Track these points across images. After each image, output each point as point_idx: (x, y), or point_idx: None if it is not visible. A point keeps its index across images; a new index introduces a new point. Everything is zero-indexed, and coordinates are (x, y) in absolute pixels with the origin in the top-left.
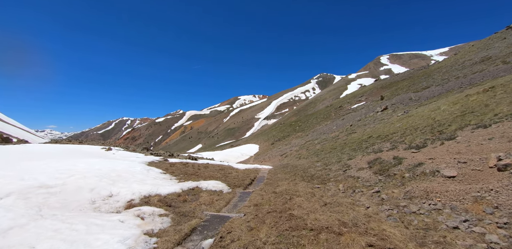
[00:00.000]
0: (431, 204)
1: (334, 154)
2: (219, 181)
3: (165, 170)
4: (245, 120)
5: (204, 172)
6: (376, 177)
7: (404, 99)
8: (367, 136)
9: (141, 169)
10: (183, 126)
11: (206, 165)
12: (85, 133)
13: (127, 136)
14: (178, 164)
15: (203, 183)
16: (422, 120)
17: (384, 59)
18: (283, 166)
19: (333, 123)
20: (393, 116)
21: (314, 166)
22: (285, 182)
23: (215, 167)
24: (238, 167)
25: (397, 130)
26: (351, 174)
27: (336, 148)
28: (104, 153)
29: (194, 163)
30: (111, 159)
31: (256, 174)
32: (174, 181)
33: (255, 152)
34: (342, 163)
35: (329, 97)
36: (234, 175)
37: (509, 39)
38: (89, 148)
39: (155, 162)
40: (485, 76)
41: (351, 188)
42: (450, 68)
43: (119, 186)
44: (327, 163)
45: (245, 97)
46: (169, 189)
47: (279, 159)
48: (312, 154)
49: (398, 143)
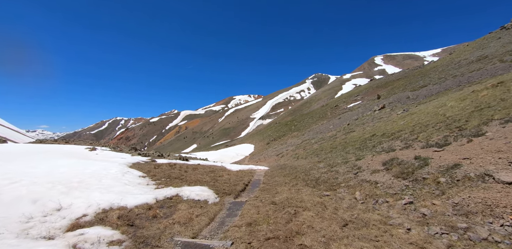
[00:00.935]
0: (506, 226)
1: (337, 153)
2: (206, 187)
3: (146, 172)
4: (240, 120)
5: (190, 175)
6: (400, 182)
7: (402, 98)
8: (370, 135)
9: (117, 171)
10: (177, 126)
11: (196, 166)
12: (77, 133)
13: (120, 136)
14: (164, 166)
15: (186, 189)
16: (430, 117)
17: (378, 60)
18: (280, 168)
19: (329, 122)
20: (392, 114)
21: (317, 168)
22: (285, 187)
23: (206, 169)
24: (231, 169)
25: (403, 128)
26: (365, 178)
27: (337, 147)
28: (86, 153)
29: (183, 164)
30: (89, 160)
31: (250, 177)
32: (150, 188)
33: (250, 152)
34: (351, 164)
35: (324, 97)
36: (226, 178)
37: (504, 38)
38: (72, 148)
39: (140, 163)
40: (483, 74)
41: (371, 197)
42: (446, 67)
43: (75, 195)
44: (331, 164)
45: (240, 97)
46: (139, 199)
47: (275, 159)
48: (311, 154)
49: (410, 140)
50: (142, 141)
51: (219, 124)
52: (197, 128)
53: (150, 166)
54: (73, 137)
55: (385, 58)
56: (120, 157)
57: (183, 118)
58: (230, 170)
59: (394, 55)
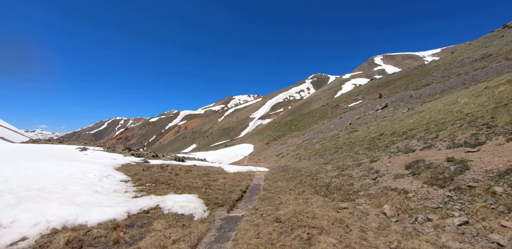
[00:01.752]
0: None
1: (344, 154)
2: (195, 196)
3: (131, 176)
4: (239, 120)
5: (181, 180)
6: (437, 192)
7: (404, 97)
8: (377, 134)
9: (96, 175)
10: (177, 126)
11: (190, 168)
12: (77, 133)
13: (120, 136)
14: (155, 168)
15: (170, 199)
16: (443, 114)
17: (377, 60)
18: (282, 170)
19: (330, 121)
20: (396, 113)
21: (325, 171)
22: (290, 195)
23: (200, 171)
24: (229, 170)
25: (415, 126)
26: (389, 185)
27: (342, 147)
28: (75, 154)
29: (176, 166)
30: (74, 161)
31: (249, 181)
32: (128, 196)
33: (249, 152)
34: (365, 167)
35: (323, 97)
36: (220, 183)
37: (507, 37)
38: (63, 148)
39: (130, 164)
40: (488, 72)
41: (405, 212)
42: (449, 65)
43: (25, 208)
44: (341, 167)
45: (240, 97)
46: (106, 213)
47: (275, 160)
48: (314, 154)
49: (429, 140)
50: (142, 141)
51: (218, 124)
52: (196, 128)
53: (139, 168)
54: (72, 137)
55: (385, 58)
56: (111, 157)
57: (183, 118)
58: (227, 172)
59: (394, 55)
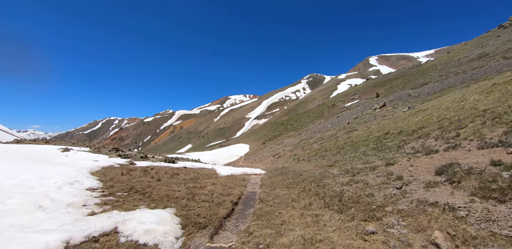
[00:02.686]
0: None
1: (350, 155)
2: (171, 211)
3: (105, 182)
4: (235, 119)
5: (161, 187)
6: (499, 209)
7: (402, 96)
8: (381, 133)
9: (58, 182)
10: (172, 126)
11: (177, 171)
12: (70, 133)
13: (114, 136)
14: (138, 171)
15: (136, 217)
16: (454, 111)
17: (373, 60)
18: (280, 173)
19: (327, 121)
20: (396, 112)
21: (332, 175)
22: (294, 211)
23: (188, 175)
24: (221, 173)
25: (424, 124)
26: (423, 197)
27: (344, 147)
28: (54, 155)
29: (163, 168)
30: (47, 163)
31: (243, 188)
32: (81, 213)
33: (245, 152)
34: (381, 171)
35: (319, 97)
36: (208, 191)
37: (503, 37)
38: (44, 148)
39: (113, 166)
40: (487, 71)
41: (469, 245)
42: (446, 65)
43: None
44: (351, 171)
45: (235, 97)
46: (29, 246)
47: (271, 160)
48: (314, 155)
49: (451, 138)
50: (136, 141)
51: (214, 124)
52: (192, 128)
53: (119, 172)
54: (65, 137)
55: (380, 59)
56: (93, 159)
57: (178, 118)
58: (219, 175)
59: (389, 55)
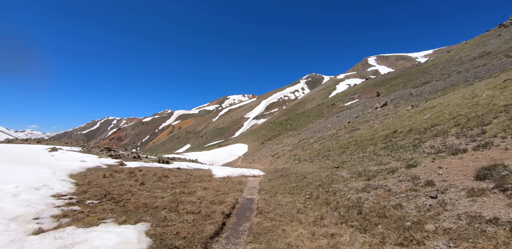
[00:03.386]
0: None
1: (358, 155)
2: (142, 228)
3: (80, 186)
4: (234, 119)
5: (143, 192)
6: None
7: (404, 95)
8: (388, 131)
9: (19, 187)
10: (171, 126)
11: (168, 172)
12: (68, 133)
13: (112, 136)
14: (123, 173)
15: (91, 238)
16: (468, 108)
17: (371, 60)
18: (281, 175)
19: (327, 121)
20: (399, 111)
21: (342, 179)
22: (301, 228)
23: (180, 177)
24: (217, 174)
25: (436, 122)
26: (472, 210)
27: (349, 147)
28: (40, 155)
29: (152, 170)
30: (25, 164)
31: (238, 194)
32: (25, 230)
33: (244, 152)
34: (402, 174)
35: (318, 97)
36: (197, 197)
37: (504, 35)
38: (31, 148)
39: (100, 167)
40: (490, 69)
41: None
42: (447, 64)
43: None
44: (364, 173)
45: (234, 97)
46: None
47: (270, 161)
48: (317, 155)
49: (476, 136)
50: (135, 141)
51: (213, 124)
52: (190, 128)
53: (101, 174)
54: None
55: (378, 59)
56: (80, 159)
57: (177, 118)
58: (214, 177)
59: (387, 55)
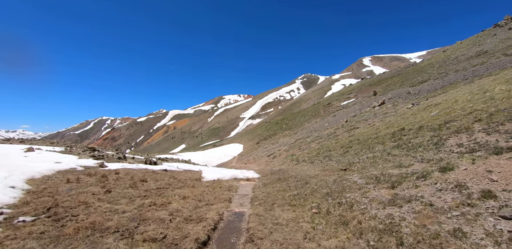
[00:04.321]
0: None
1: (367, 155)
2: None
3: (30, 193)
4: (230, 119)
5: (101, 204)
6: None
7: (402, 93)
8: (395, 129)
9: None
10: (166, 126)
11: (149, 176)
12: (61, 134)
13: (106, 137)
14: (95, 177)
15: None
16: (483, 102)
17: (366, 61)
18: (278, 178)
19: (323, 120)
20: (398, 109)
21: (357, 187)
22: None
23: (160, 181)
24: (207, 177)
25: (450, 118)
26: None
27: (352, 146)
28: (10, 155)
29: (130, 172)
30: None
31: (225, 205)
32: None
33: (239, 152)
34: (437, 180)
35: (313, 97)
36: (169, 212)
37: (500, 35)
38: (4, 148)
39: (75, 170)
40: (489, 67)
41: None
42: (444, 63)
43: None
44: (382, 178)
45: (230, 97)
46: None
47: (266, 161)
48: (316, 155)
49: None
50: (129, 142)
51: (208, 123)
52: (186, 128)
53: (66, 178)
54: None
55: (373, 59)
56: (56, 160)
57: (172, 118)
58: (202, 181)
59: (382, 56)
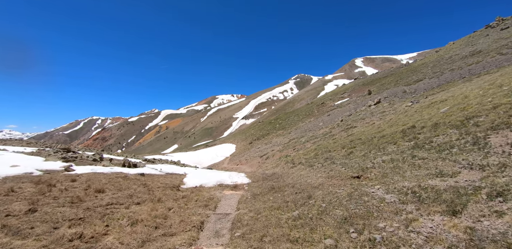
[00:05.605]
0: None
1: (382, 158)
2: None
3: None
4: (223, 119)
5: None
6: None
7: (397, 92)
8: (404, 127)
9: None
10: (158, 126)
11: (111, 184)
12: (49, 134)
13: (96, 137)
14: (37, 186)
15: None
16: (503, 96)
17: (358, 62)
18: (271, 187)
19: (317, 119)
20: (397, 107)
21: (388, 207)
22: None
23: (122, 191)
24: (188, 183)
25: (469, 114)
26: None
27: (356, 147)
28: None
29: (92, 178)
30: None
31: (190, 236)
32: None
33: (231, 153)
34: None
35: (307, 97)
36: None
37: (492, 35)
38: None
39: (28, 175)
40: (485, 66)
41: None
42: (438, 62)
43: None
44: (427, 196)
45: (223, 97)
46: None
47: (258, 162)
48: (314, 156)
49: None
50: (120, 142)
51: (201, 123)
52: (178, 128)
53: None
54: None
55: (365, 60)
56: (12, 164)
57: (164, 118)
58: (179, 189)
59: (374, 57)
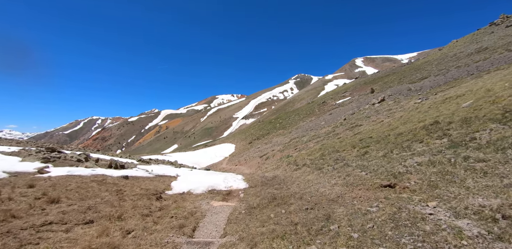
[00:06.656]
0: None
1: (416, 161)
2: None
3: None
4: (223, 119)
5: None
6: None
7: (402, 90)
8: (423, 124)
9: None
10: (158, 126)
11: (74, 192)
12: (49, 134)
13: (96, 137)
14: None
15: None
16: None
17: (358, 62)
18: (273, 197)
19: (319, 118)
20: (404, 105)
21: None
22: None
23: (79, 204)
24: (175, 188)
25: (505, 107)
26: None
27: (369, 146)
28: None
29: (64, 182)
30: None
31: None
32: None
33: (230, 153)
34: None
35: (307, 97)
36: None
37: (497, 33)
38: None
39: None
40: (494, 63)
41: None
42: (442, 60)
43: None
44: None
45: (223, 96)
46: None
47: (258, 163)
48: (321, 157)
49: None
50: (120, 142)
51: (201, 123)
52: (178, 127)
53: None
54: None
55: (365, 60)
56: None
57: (164, 118)
58: (162, 196)
59: (374, 57)
